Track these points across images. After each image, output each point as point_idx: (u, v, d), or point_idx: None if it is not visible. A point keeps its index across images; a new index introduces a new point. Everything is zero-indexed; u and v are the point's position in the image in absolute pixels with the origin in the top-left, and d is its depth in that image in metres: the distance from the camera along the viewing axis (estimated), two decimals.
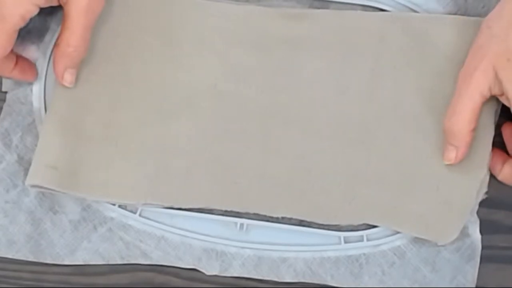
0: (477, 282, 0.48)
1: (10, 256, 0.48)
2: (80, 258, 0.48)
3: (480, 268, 0.48)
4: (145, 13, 0.50)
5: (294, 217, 0.49)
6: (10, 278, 0.49)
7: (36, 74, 0.50)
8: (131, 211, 0.49)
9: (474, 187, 0.48)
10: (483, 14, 0.49)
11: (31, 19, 0.46)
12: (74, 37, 0.46)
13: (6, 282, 0.49)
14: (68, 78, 0.47)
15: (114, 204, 0.49)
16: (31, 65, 0.50)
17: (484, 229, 0.49)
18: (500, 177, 0.48)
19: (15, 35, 0.46)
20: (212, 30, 0.50)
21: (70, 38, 0.46)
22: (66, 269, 0.49)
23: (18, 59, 0.48)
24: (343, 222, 0.48)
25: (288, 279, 0.48)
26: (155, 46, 0.50)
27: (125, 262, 0.48)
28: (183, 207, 0.48)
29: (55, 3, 0.46)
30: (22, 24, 0.45)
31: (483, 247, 0.48)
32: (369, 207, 0.48)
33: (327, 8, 0.50)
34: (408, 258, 0.48)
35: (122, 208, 0.49)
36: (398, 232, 0.49)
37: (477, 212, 0.48)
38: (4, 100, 0.50)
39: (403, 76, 0.49)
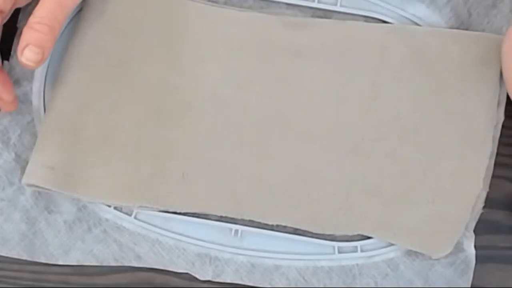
0: (477, 282, 0.48)
1: (3, 254, 0.48)
2: (73, 258, 0.48)
3: (480, 268, 0.48)
4: (148, 15, 0.50)
5: (289, 225, 0.49)
6: (10, 278, 0.49)
7: (15, 106, 0.47)
8: (126, 213, 0.49)
9: (469, 202, 0.48)
10: (487, 30, 0.49)
11: None
12: (42, 9, 0.43)
13: (6, 282, 0.49)
14: (27, 54, 0.43)
15: (109, 206, 0.49)
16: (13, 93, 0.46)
17: (484, 229, 0.49)
18: None
19: None
20: (214, 35, 0.50)
21: (38, 10, 0.44)
22: (66, 269, 0.49)
23: (4, 72, 0.46)
24: (337, 232, 0.49)
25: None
26: (156, 48, 0.49)
27: (119, 264, 0.48)
28: (178, 211, 0.48)
29: None
30: None
31: (483, 247, 0.48)
32: (364, 218, 0.48)
33: (329, 17, 0.50)
34: (401, 271, 0.48)
35: (118, 210, 0.49)
36: (392, 244, 0.49)
37: None
38: None
39: (403, 89, 0.49)
